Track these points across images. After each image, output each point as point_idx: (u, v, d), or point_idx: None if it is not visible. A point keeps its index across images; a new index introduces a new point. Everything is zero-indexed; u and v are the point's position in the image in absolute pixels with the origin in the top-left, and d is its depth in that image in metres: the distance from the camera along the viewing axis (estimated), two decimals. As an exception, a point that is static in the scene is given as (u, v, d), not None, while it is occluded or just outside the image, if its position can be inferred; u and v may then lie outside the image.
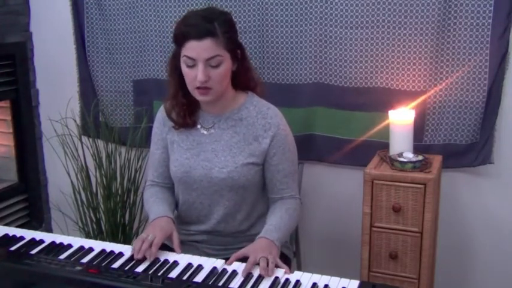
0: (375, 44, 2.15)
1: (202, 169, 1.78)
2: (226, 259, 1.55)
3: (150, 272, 1.47)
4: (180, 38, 1.70)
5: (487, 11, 2.00)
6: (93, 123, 2.54)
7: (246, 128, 1.79)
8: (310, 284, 1.41)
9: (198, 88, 1.71)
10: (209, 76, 1.68)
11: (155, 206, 1.80)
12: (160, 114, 1.89)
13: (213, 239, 1.85)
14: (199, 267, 1.49)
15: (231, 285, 1.42)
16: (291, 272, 1.48)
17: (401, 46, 2.13)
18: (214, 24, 1.66)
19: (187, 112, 1.81)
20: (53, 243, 1.64)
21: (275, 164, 1.79)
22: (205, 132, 1.82)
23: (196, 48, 1.66)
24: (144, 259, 1.54)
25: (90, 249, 1.60)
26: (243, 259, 1.55)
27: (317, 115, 2.29)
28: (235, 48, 1.74)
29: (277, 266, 1.51)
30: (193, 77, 1.69)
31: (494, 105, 2.08)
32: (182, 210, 1.88)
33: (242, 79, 1.82)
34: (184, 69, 1.72)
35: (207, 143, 1.81)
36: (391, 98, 2.15)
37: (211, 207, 1.82)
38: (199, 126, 1.83)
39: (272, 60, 2.29)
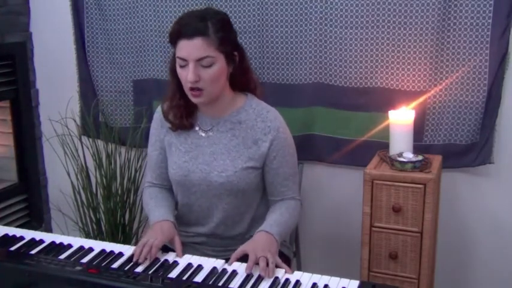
0: (374, 44, 2.15)
1: (201, 173, 1.76)
2: (226, 260, 1.55)
3: (150, 272, 1.47)
4: (173, 37, 1.68)
5: (487, 11, 2.00)
6: (93, 123, 2.53)
7: (245, 131, 1.76)
8: (310, 284, 1.41)
9: (191, 89, 1.69)
10: (200, 76, 1.65)
11: (156, 209, 1.78)
12: (158, 115, 1.86)
13: (212, 241, 1.84)
14: (199, 267, 1.49)
15: (231, 285, 1.41)
16: (292, 271, 1.48)
17: (401, 46, 2.12)
18: (206, 24, 1.64)
19: (184, 114, 1.78)
20: (53, 243, 1.64)
21: (275, 168, 1.77)
22: (203, 134, 1.80)
23: (187, 48, 1.64)
24: (143, 260, 1.53)
25: (90, 249, 1.60)
26: (243, 257, 1.54)
27: (317, 115, 2.29)
28: (231, 50, 1.70)
29: (277, 266, 1.50)
30: (186, 77, 1.66)
31: (494, 105, 2.08)
32: (181, 211, 1.88)
33: (241, 81, 1.79)
34: (178, 70, 1.69)
35: (205, 146, 1.78)
36: (391, 98, 2.15)
37: (210, 210, 1.80)
38: (197, 128, 1.81)
39: (272, 60, 2.29)
